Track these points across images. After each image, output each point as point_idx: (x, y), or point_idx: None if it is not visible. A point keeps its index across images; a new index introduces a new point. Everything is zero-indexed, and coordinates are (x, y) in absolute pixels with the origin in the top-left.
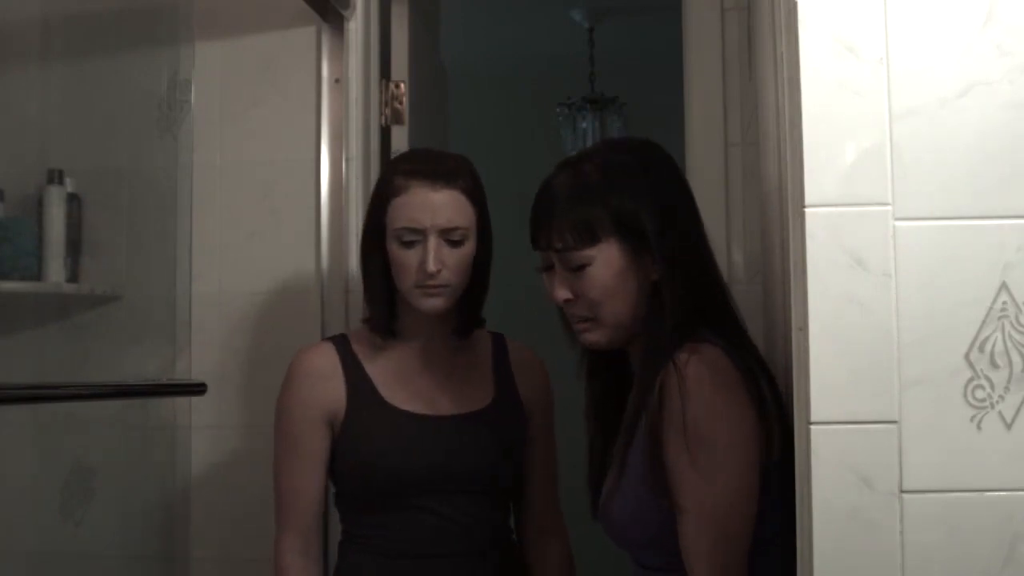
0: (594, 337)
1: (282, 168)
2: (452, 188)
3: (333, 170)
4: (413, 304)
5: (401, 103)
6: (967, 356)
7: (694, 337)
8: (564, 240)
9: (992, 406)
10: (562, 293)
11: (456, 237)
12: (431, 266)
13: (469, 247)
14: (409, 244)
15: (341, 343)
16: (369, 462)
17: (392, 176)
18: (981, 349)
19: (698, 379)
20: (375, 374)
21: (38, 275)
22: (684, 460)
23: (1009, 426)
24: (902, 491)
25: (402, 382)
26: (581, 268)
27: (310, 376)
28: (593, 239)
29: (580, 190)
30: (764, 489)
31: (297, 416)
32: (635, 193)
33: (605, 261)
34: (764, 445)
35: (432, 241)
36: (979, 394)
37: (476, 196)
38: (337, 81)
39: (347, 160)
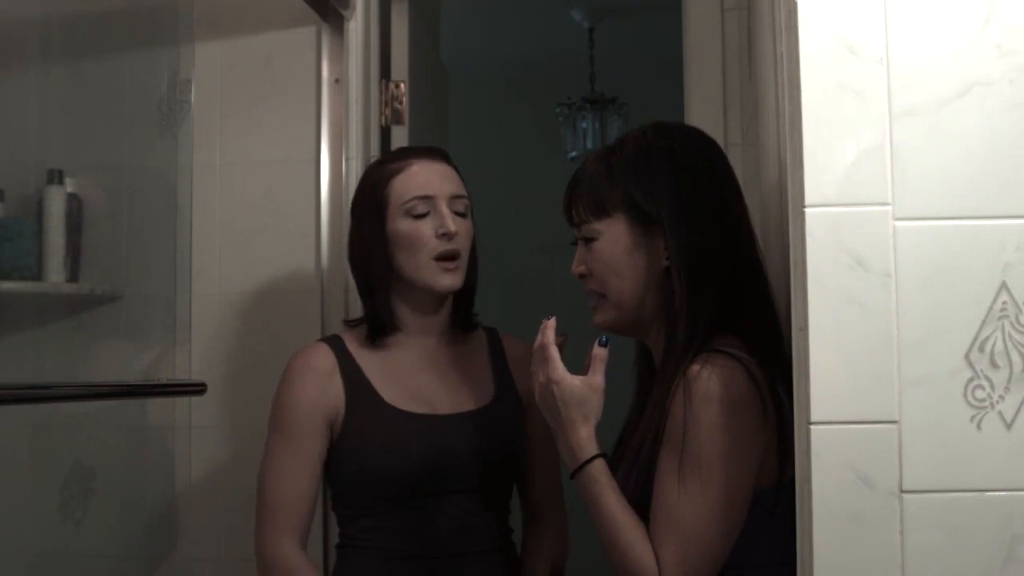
0: (600, 317)
1: (282, 168)
2: (448, 164)
3: (333, 170)
4: (429, 284)
5: (401, 103)
6: (967, 356)
7: (712, 345)
8: (580, 213)
9: (992, 406)
10: (576, 266)
11: (461, 208)
12: (450, 226)
13: (470, 222)
14: (420, 216)
15: (336, 343)
16: (369, 463)
17: (381, 167)
18: (981, 349)
19: (705, 397)
20: (372, 374)
21: (38, 275)
22: (673, 476)
23: (1009, 426)
24: (902, 491)
25: (400, 382)
26: (591, 241)
27: (310, 375)
28: (602, 213)
29: (605, 168)
30: (774, 509)
31: (298, 414)
32: (654, 177)
33: (612, 236)
34: (777, 466)
35: (444, 207)
36: (979, 394)
37: (463, 180)
38: (337, 81)
39: (347, 160)
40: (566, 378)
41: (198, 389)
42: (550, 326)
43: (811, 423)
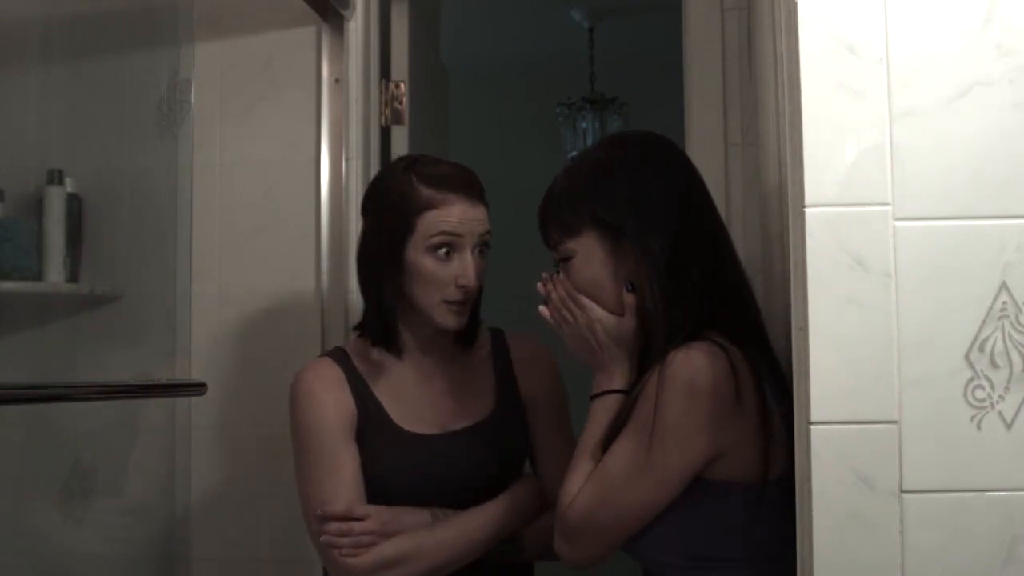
0: None
1: (282, 168)
2: (483, 203)
3: (333, 170)
4: (435, 320)
5: (401, 103)
6: (967, 356)
7: (696, 337)
8: (553, 236)
9: (992, 406)
10: None
11: (483, 243)
12: (472, 279)
13: (486, 259)
14: (445, 256)
15: (341, 358)
16: (381, 486)
17: (415, 187)
18: (981, 349)
19: (674, 376)
20: (381, 394)
21: (38, 275)
22: (623, 435)
23: (1009, 426)
24: (902, 491)
25: (407, 401)
26: (568, 260)
27: (324, 386)
28: (573, 232)
29: (569, 189)
30: (759, 505)
31: (324, 429)
32: (614, 189)
33: (585, 253)
34: (762, 462)
35: (468, 253)
36: (979, 394)
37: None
38: (337, 81)
39: (347, 160)
40: (610, 317)
41: (198, 389)
42: (559, 280)
43: (811, 423)
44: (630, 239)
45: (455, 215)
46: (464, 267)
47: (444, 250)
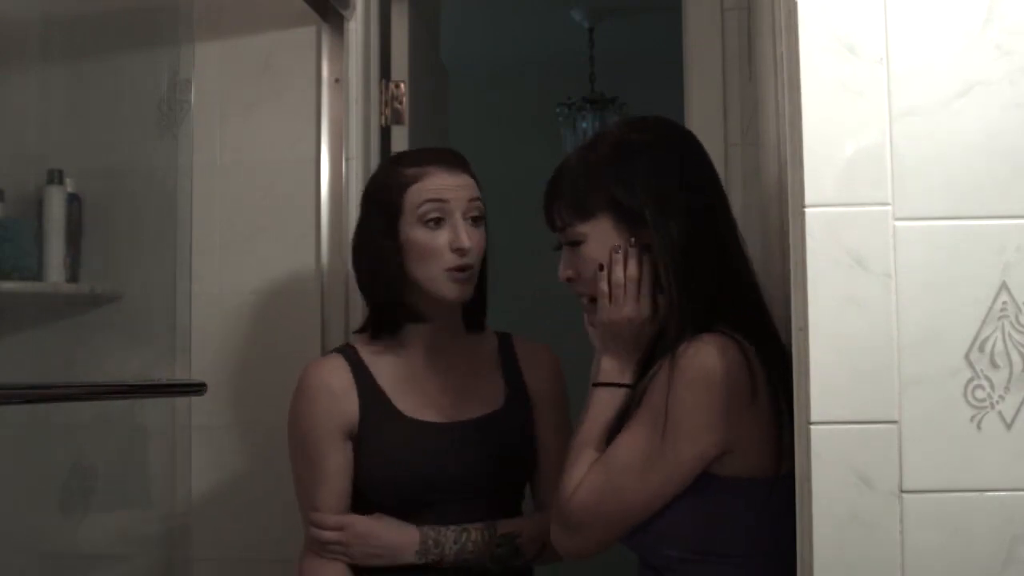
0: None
1: (282, 168)
2: (466, 172)
3: (333, 170)
4: (440, 293)
5: (401, 103)
6: (967, 356)
7: (709, 330)
8: (562, 217)
9: (992, 406)
10: (563, 271)
11: (476, 212)
12: (465, 241)
13: (484, 229)
14: (435, 225)
15: (350, 354)
16: (379, 473)
17: (398, 171)
18: (981, 349)
19: (686, 368)
20: (387, 384)
21: (38, 275)
22: (630, 424)
23: (1009, 426)
24: (902, 491)
25: (414, 389)
26: (577, 245)
27: (323, 391)
28: (586, 215)
29: (584, 169)
30: (767, 502)
31: (316, 434)
32: (634, 172)
33: (598, 238)
34: (774, 461)
35: (459, 218)
36: (979, 394)
37: (479, 185)
38: (337, 81)
39: (347, 160)
40: (644, 321)
41: (198, 389)
42: (643, 261)
43: (811, 423)
44: (650, 228)
45: (436, 183)
46: (456, 232)
47: (433, 219)
